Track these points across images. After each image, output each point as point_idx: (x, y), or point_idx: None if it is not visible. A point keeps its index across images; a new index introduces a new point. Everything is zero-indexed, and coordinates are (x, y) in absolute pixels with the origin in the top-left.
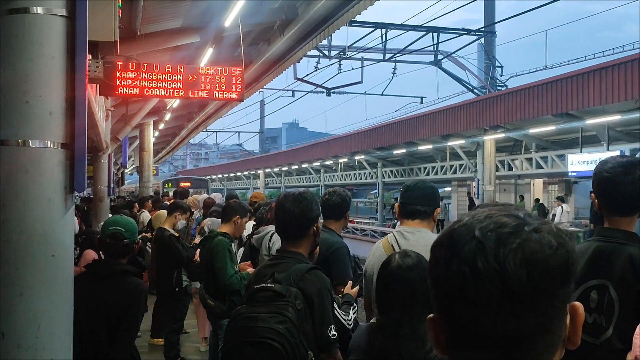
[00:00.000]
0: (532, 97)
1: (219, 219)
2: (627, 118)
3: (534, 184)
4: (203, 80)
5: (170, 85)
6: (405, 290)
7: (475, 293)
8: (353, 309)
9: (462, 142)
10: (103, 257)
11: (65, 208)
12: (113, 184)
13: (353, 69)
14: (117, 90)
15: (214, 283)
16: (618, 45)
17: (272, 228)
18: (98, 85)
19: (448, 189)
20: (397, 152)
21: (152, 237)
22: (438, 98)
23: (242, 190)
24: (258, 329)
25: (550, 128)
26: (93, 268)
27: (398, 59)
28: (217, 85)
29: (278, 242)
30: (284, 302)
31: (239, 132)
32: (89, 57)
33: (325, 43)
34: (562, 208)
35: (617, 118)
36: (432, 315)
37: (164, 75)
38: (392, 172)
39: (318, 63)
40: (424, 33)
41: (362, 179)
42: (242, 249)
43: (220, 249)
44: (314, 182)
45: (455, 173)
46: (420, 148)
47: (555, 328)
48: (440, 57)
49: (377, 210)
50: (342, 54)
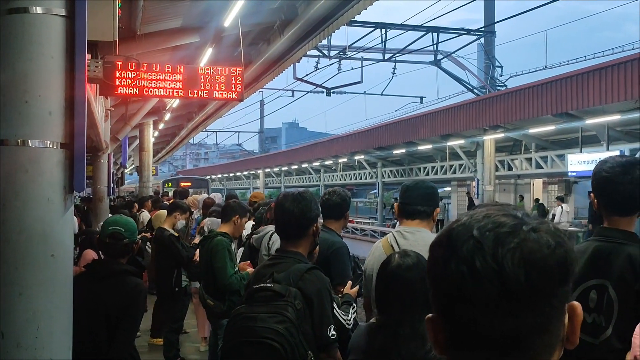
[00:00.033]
0: (531, 97)
1: (219, 219)
2: (626, 118)
3: (534, 184)
4: (203, 80)
5: (170, 85)
6: (405, 290)
7: (474, 293)
8: (352, 309)
9: (461, 142)
10: (102, 257)
11: (65, 208)
12: (113, 184)
13: (353, 69)
14: (116, 90)
15: (214, 283)
16: (618, 45)
17: (271, 228)
18: (97, 85)
19: (448, 189)
20: (396, 152)
21: (151, 237)
22: (438, 98)
23: (241, 190)
24: (257, 329)
25: (550, 128)
26: (92, 268)
27: (398, 59)
28: (216, 85)
29: (277, 242)
30: (283, 302)
31: (239, 132)
32: (89, 56)
33: (325, 43)
34: (561, 208)
35: (616, 118)
36: (430, 315)
37: (164, 75)
38: (391, 172)
39: (318, 63)
40: (424, 33)
41: (361, 179)
42: (241, 249)
43: (220, 249)
44: (314, 182)
45: (455, 173)
46: (420, 148)
47: (554, 327)
48: (440, 57)
49: (376, 210)
50: (341, 54)
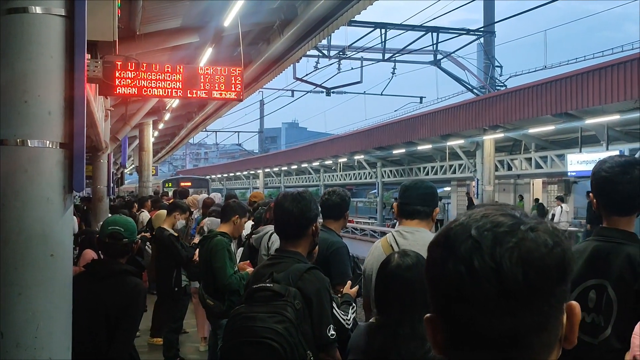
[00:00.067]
0: (531, 97)
1: (218, 219)
2: (626, 118)
3: (534, 184)
4: (202, 80)
5: (170, 85)
6: (405, 290)
7: (472, 292)
8: (352, 309)
9: (461, 142)
10: (102, 256)
11: (64, 208)
12: (112, 184)
13: (352, 69)
14: (116, 90)
15: (213, 283)
16: (617, 45)
17: (271, 228)
18: (97, 85)
19: (447, 189)
20: (396, 152)
21: (151, 237)
22: (437, 98)
23: (241, 190)
24: (257, 329)
25: (550, 128)
26: (92, 268)
27: (397, 59)
28: (216, 85)
29: (277, 241)
30: (283, 301)
31: (239, 132)
32: (88, 56)
33: (325, 43)
34: (561, 208)
35: (616, 118)
36: (429, 315)
37: (163, 75)
38: (391, 172)
39: (317, 63)
40: (424, 33)
41: (361, 179)
42: (241, 249)
43: (220, 249)
44: (314, 182)
45: (455, 173)
46: (420, 148)
47: (552, 327)
48: (440, 57)
49: (376, 210)
50: (341, 54)
